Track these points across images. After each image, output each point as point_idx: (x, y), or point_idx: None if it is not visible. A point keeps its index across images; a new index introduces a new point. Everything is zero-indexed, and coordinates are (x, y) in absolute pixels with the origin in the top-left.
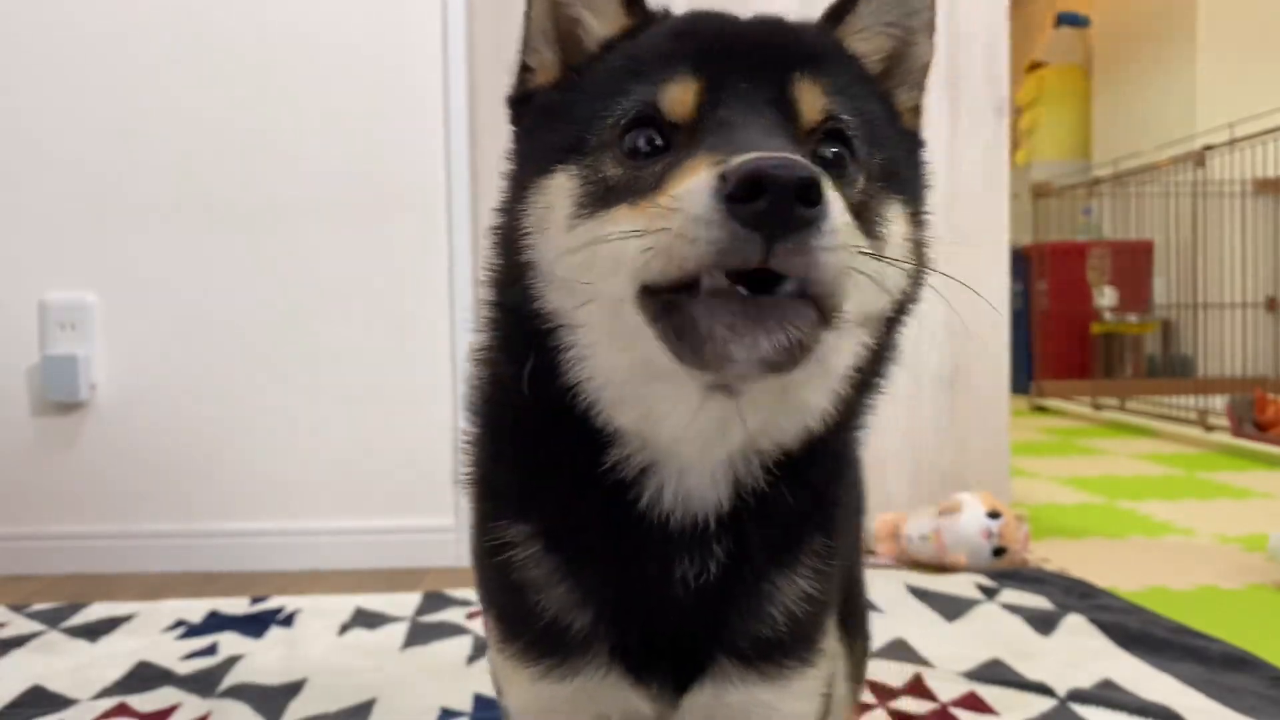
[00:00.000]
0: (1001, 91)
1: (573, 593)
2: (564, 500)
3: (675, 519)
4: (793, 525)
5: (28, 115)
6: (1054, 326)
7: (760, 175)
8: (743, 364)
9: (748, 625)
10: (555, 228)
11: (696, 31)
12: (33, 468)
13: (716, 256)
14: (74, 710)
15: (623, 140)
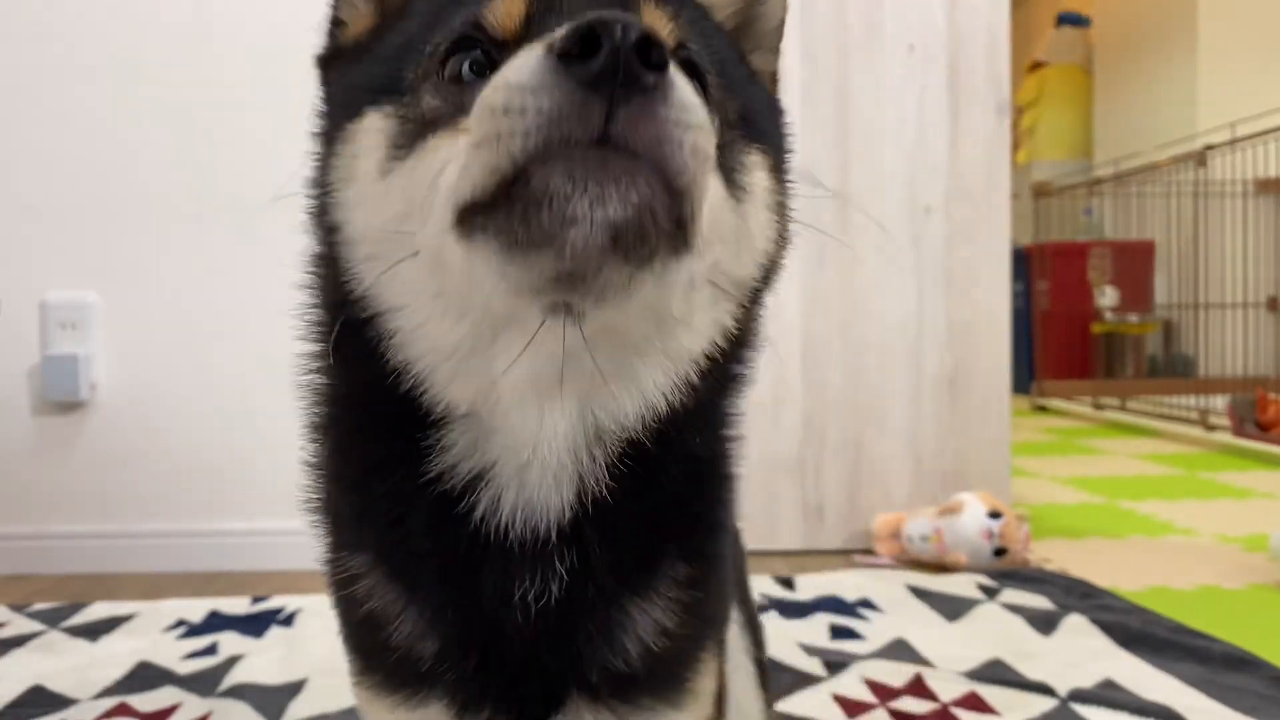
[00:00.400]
0: (1003, 91)
1: (417, 622)
2: (397, 524)
3: (514, 531)
4: (646, 543)
5: (28, 115)
6: (1055, 326)
7: (596, 27)
8: (585, 225)
9: (598, 656)
10: (365, 178)
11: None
12: (33, 467)
13: (549, 128)
14: (75, 710)
15: (444, 68)
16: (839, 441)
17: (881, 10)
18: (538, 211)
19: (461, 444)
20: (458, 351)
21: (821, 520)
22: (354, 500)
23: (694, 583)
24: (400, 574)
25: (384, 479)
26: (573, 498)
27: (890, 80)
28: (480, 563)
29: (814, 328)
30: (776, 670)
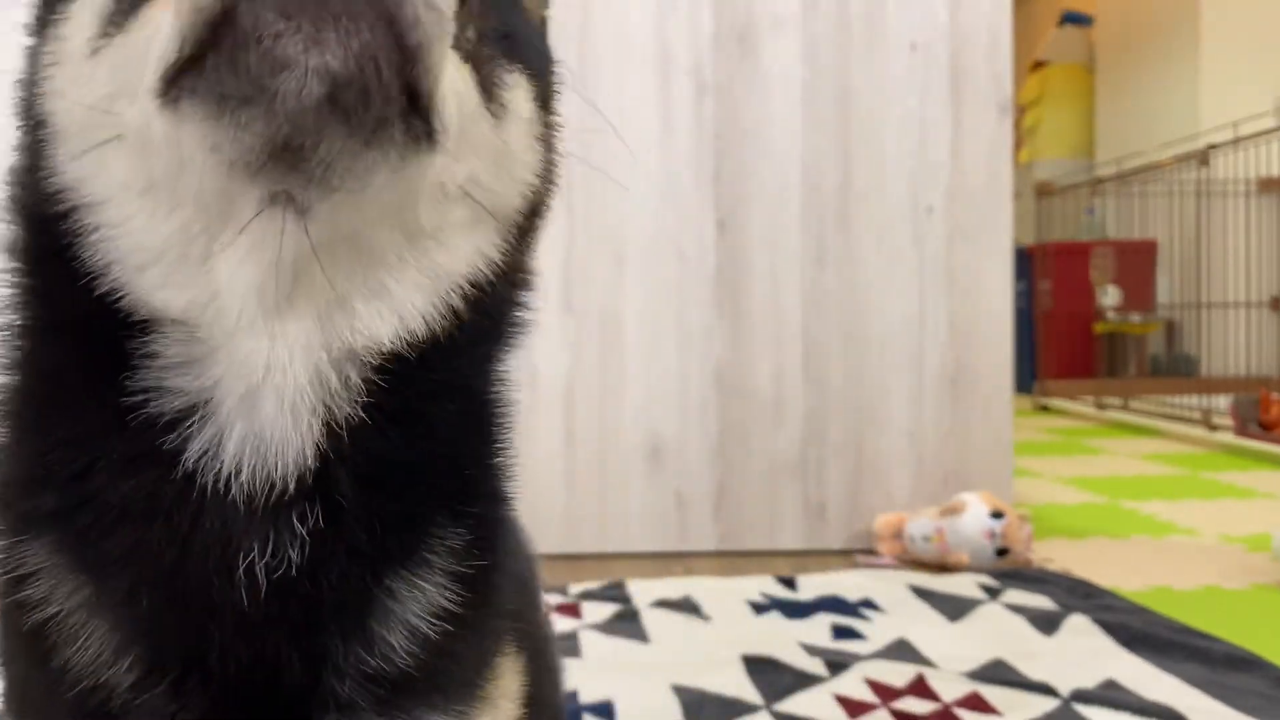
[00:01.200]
0: (1005, 90)
1: (111, 632)
2: (82, 477)
3: (241, 480)
4: (410, 498)
5: None
6: (1057, 326)
7: None
8: (301, 76)
9: (348, 652)
10: (73, 58)
11: None
12: None
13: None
14: None
15: None
16: (840, 441)
17: (883, 9)
18: (245, 54)
19: (171, 362)
20: (168, 251)
21: (823, 520)
22: (33, 456)
23: (473, 551)
24: (83, 551)
25: (70, 415)
26: (318, 435)
27: (892, 79)
28: (193, 524)
29: (815, 327)
30: (777, 670)
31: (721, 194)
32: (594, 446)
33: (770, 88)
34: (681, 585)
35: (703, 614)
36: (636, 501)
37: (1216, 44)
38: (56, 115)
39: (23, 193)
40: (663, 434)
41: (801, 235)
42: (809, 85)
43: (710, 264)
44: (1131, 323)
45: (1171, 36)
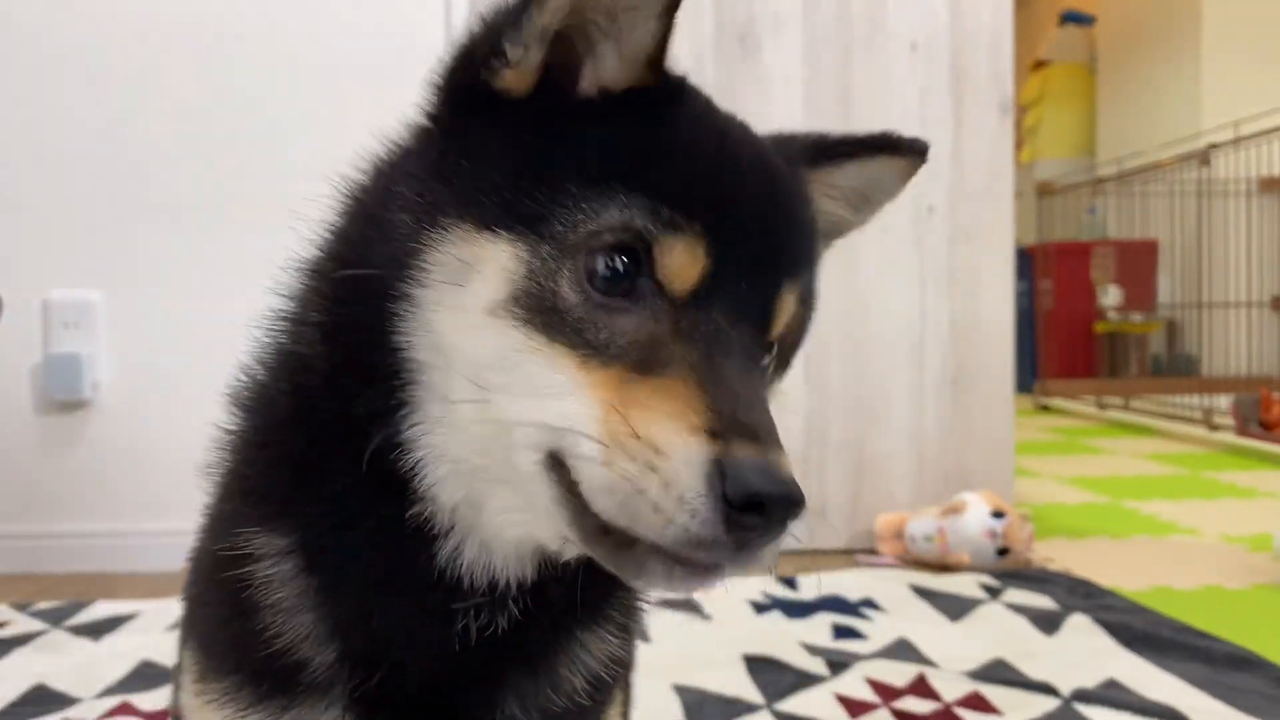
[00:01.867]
0: (1006, 90)
1: (320, 623)
2: (344, 523)
3: (472, 575)
4: (603, 582)
5: (32, 113)
6: (1058, 326)
7: (765, 501)
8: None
9: (538, 687)
10: (470, 307)
11: (710, 170)
12: (36, 466)
13: (684, 545)
14: (77, 709)
15: (593, 260)
16: (841, 441)
17: (884, 8)
18: (629, 571)
19: (432, 512)
20: (463, 475)
21: (824, 520)
22: (289, 481)
23: (633, 604)
24: (323, 570)
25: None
26: (534, 570)
27: (893, 79)
28: (429, 588)
29: (815, 328)
30: (779, 670)
31: None
32: None
33: (771, 87)
34: None
35: (704, 613)
36: None
37: (1218, 43)
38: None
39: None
40: None
41: None
42: (810, 85)
43: None
44: (1132, 322)
45: (1173, 36)
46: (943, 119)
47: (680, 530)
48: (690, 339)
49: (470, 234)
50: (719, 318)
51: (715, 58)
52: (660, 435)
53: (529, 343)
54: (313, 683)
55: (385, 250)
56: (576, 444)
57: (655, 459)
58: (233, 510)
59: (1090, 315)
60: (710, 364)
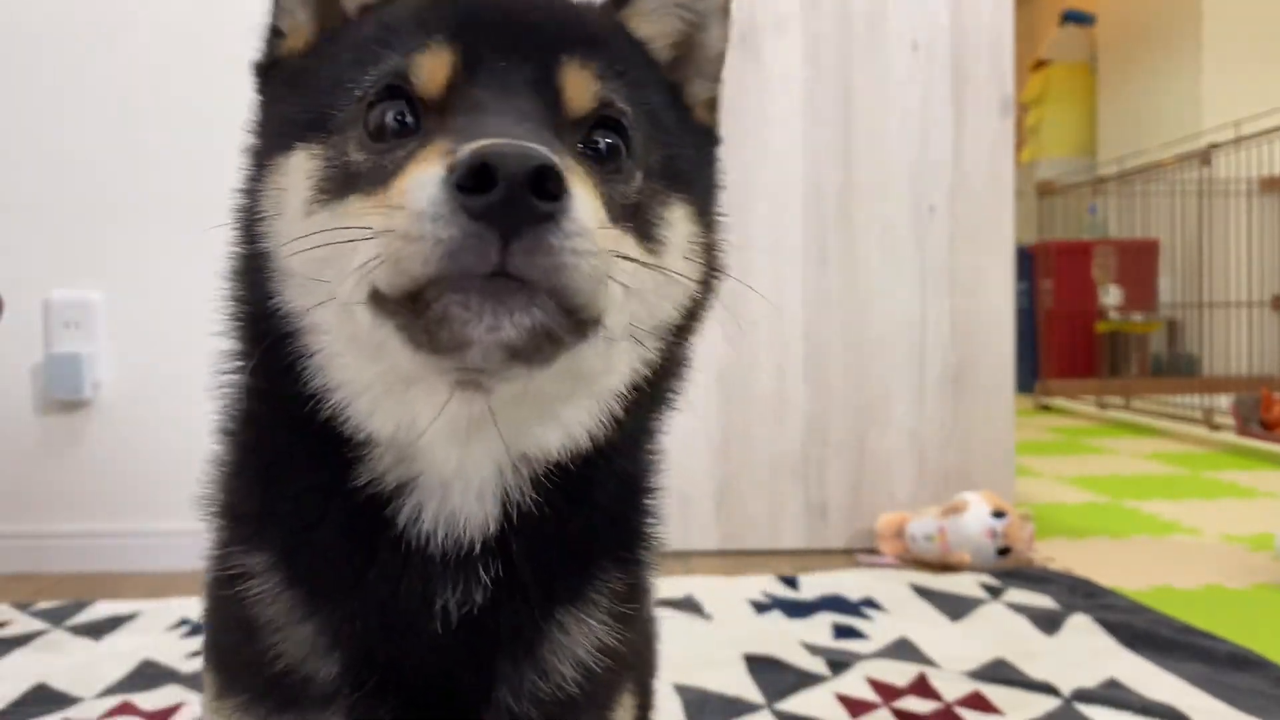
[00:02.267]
0: (1007, 89)
1: (319, 635)
2: (310, 522)
3: (437, 541)
4: (578, 551)
5: (32, 113)
6: (1059, 325)
7: (490, 161)
8: (482, 346)
9: (524, 675)
10: (291, 214)
11: (458, 5)
12: (37, 466)
13: (447, 259)
14: (77, 708)
15: (368, 116)
16: (842, 441)
17: (884, 8)
18: (437, 330)
19: (383, 461)
20: (373, 389)
21: (825, 520)
22: (261, 497)
23: (629, 595)
24: (305, 578)
25: (300, 480)
26: (497, 511)
27: (894, 78)
28: (400, 568)
29: (817, 328)
30: (779, 669)
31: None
32: None
33: (772, 87)
34: (683, 584)
35: (704, 613)
36: None
37: (1218, 43)
38: (279, 256)
39: (246, 301)
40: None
41: (803, 235)
42: (810, 85)
43: None
44: (1133, 322)
45: (1173, 36)
46: (944, 119)
47: (433, 242)
48: (448, 122)
49: (279, 163)
50: (479, 95)
51: None
52: (406, 183)
53: (333, 211)
54: (321, 695)
55: (245, 226)
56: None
57: (401, 200)
58: (226, 533)
59: (1091, 315)
60: (464, 123)
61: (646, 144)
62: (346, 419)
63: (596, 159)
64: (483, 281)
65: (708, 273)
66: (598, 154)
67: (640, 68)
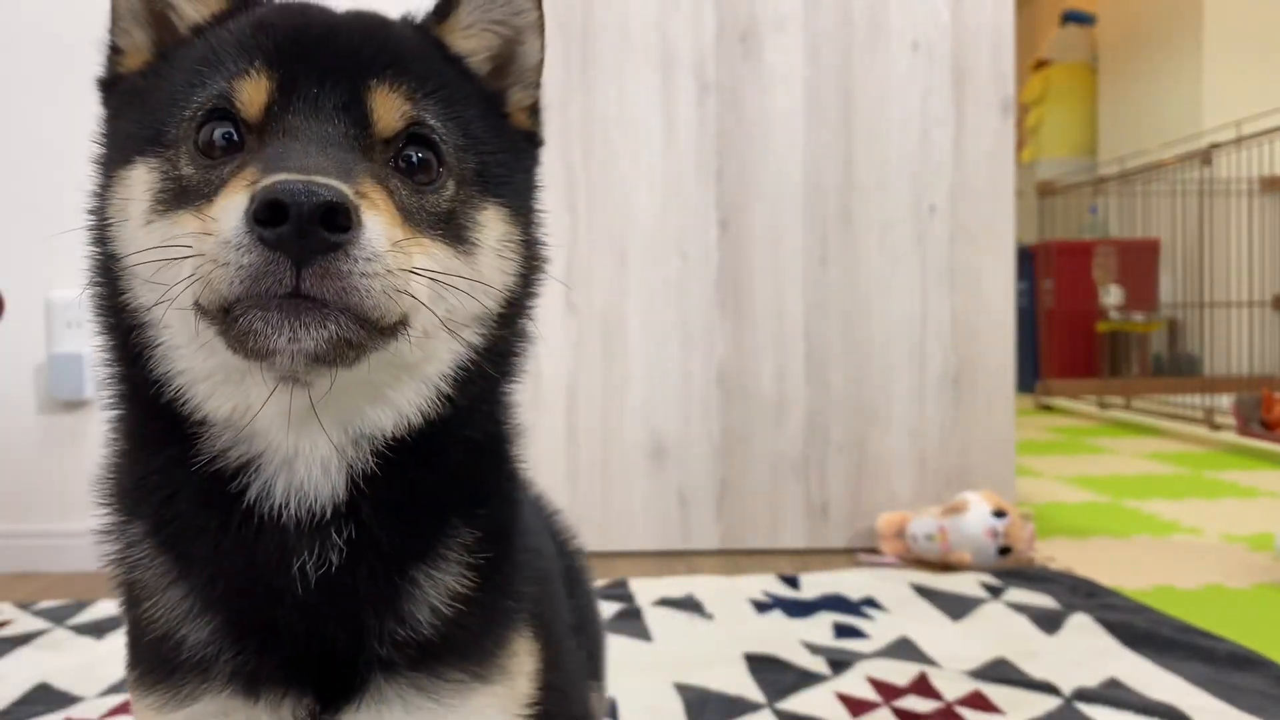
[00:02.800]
0: (1008, 90)
1: (185, 599)
2: (169, 495)
3: (290, 511)
4: (425, 512)
5: (33, 112)
6: (1059, 325)
7: (281, 198)
8: (287, 355)
9: (384, 625)
10: (133, 222)
11: (278, 24)
12: (39, 466)
13: (248, 282)
14: (80, 707)
15: (198, 134)
16: (843, 441)
17: (885, 8)
18: (245, 341)
19: (225, 441)
20: (212, 377)
21: (826, 519)
22: (132, 472)
23: (484, 546)
24: (170, 545)
25: (158, 456)
26: (344, 481)
27: (895, 78)
28: (255, 537)
29: (817, 327)
30: (780, 669)
31: (724, 193)
32: (597, 446)
33: (773, 87)
34: (684, 584)
35: (705, 612)
36: (639, 500)
37: (1219, 43)
38: (125, 259)
39: (104, 297)
40: (665, 433)
41: (804, 234)
42: (811, 84)
43: (713, 263)
44: (1134, 322)
45: (1174, 36)
46: (944, 119)
47: (235, 268)
48: (264, 147)
49: (121, 175)
50: (292, 121)
51: (717, 57)
52: (217, 210)
53: (167, 222)
54: (198, 660)
55: (96, 229)
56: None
57: (212, 226)
58: (110, 507)
59: (1092, 314)
60: (275, 151)
61: (459, 154)
62: (185, 402)
63: (409, 172)
64: (281, 300)
65: (525, 266)
66: (410, 167)
67: (454, 82)
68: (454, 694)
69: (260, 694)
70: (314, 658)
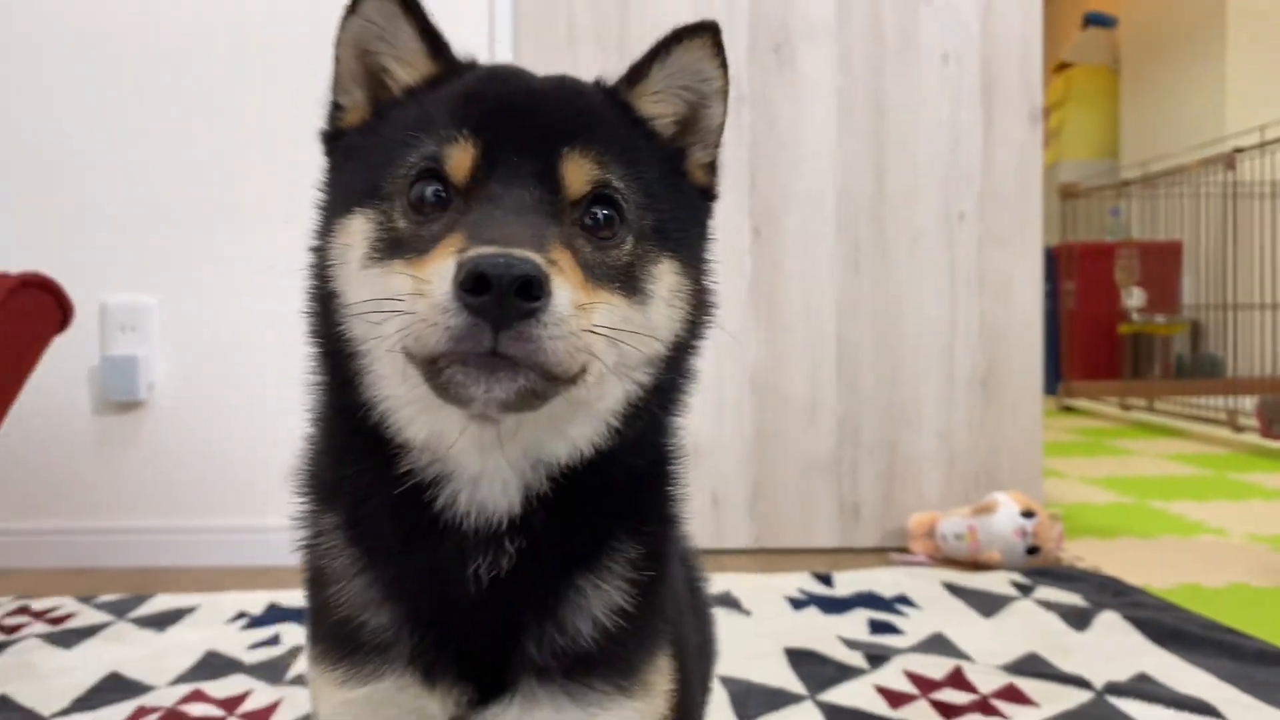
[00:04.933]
0: (1035, 97)
1: (372, 587)
2: (365, 497)
3: (470, 521)
4: (592, 526)
5: (88, 128)
6: (1082, 327)
7: (484, 271)
8: (481, 402)
9: (545, 630)
10: (352, 267)
11: (483, 94)
12: (95, 465)
13: (453, 342)
14: (152, 695)
15: (410, 191)
16: (874, 442)
17: (915, 20)
18: (447, 389)
19: (420, 460)
20: (412, 405)
21: (857, 519)
22: (332, 470)
23: (646, 563)
24: (362, 540)
25: (358, 464)
26: (520, 499)
27: (925, 89)
28: (438, 541)
29: (848, 332)
30: (819, 662)
31: (757, 201)
32: None
33: (806, 97)
34: (720, 581)
35: (743, 608)
36: None
37: (1243, 47)
38: (343, 296)
39: (320, 324)
40: (698, 435)
41: (836, 241)
42: (844, 94)
43: (746, 270)
44: (1156, 324)
45: (1197, 39)
46: (974, 128)
47: (443, 330)
48: (471, 210)
49: (342, 223)
50: (494, 188)
51: (750, 68)
52: (428, 272)
53: (382, 269)
54: (380, 643)
55: (318, 266)
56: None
57: (424, 288)
58: (307, 500)
59: (1114, 316)
60: (480, 217)
61: (639, 211)
62: (389, 425)
63: (593, 228)
64: (479, 358)
65: (693, 314)
66: (595, 224)
67: (638, 145)
68: (600, 704)
69: (434, 679)
70: (476, 653)
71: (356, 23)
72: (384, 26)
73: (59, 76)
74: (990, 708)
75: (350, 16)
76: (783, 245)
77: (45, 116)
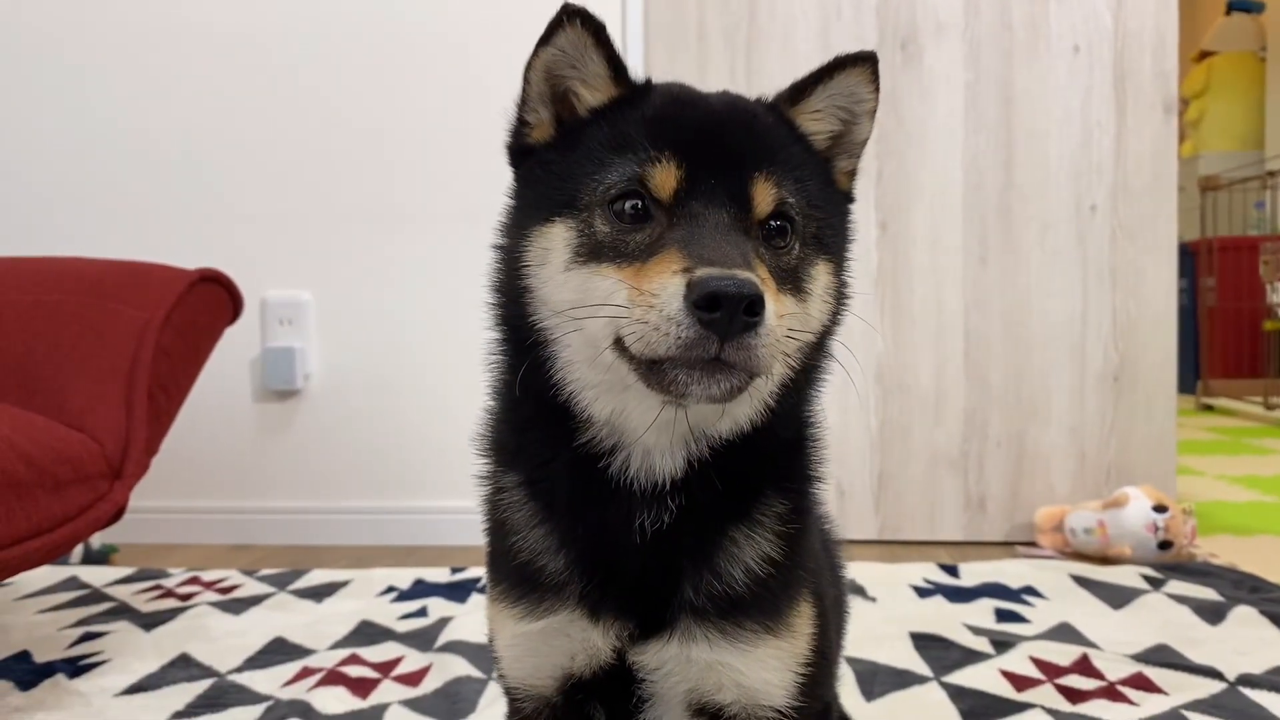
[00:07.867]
0: (1170, 88)
1: (549, 536)
2: (546, 460)
3: (639, 482)
4: (744, 484)
5: (250, 138)
6: (1222, 323)
7: (718, 293)
8: (696, 397)
9: (702, 576)
10: (552, 268)
11: (676, 118)
12: (255, 449)
13: (682, 349)
14: (315, 658)
15: (612, 205)
16: (1001, 435)
17: (1045, 12)
18: (670, 385)
19: (601, 433)
20: (597, 388)
21: (983, 512)
22: (514, 437)
23: (792, 517)
24: (542, 496)
25: (541, 432)
26: (683, 464)
27: (1055, 81)
28: (610, 497)
29: (976, 325)
30: (944, 646)
31: (884, 195)
32: None
33: (933, 91)
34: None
35: (868, 595)
36: None
37: None
38: (540, 294)
39: (509, 314)
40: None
41: (963, 234)
42: (971, 88)
43: (872, 263)
44: None
45: None
46: (1105, 120)
47: (675, 339)
48: (677, 226)
49: (542, 230)
50: (696, 207)
51: None
52: (655, 286)
53: (588, 271)
54: (554, 584)
55: (509, 265)
56: (618, 318)
57: (653, 300)
58: (491, 461)
59: (1257, 313)
60: (689, 235)
61: (804, 220)
62: (576, 403)
63: (768, 238)
64: (703, 363)
65: (836, 306)
66: (770, 234)
67: (803, 160)
68: (750, 642)
69: (600, 616)
70: (638, 595)
71: (549, 51)
72: (574, 55)
73: (225, 88)
74: (1118, 694)
75: (544, 46)
76: (910, 239)
77: (213, 126)
